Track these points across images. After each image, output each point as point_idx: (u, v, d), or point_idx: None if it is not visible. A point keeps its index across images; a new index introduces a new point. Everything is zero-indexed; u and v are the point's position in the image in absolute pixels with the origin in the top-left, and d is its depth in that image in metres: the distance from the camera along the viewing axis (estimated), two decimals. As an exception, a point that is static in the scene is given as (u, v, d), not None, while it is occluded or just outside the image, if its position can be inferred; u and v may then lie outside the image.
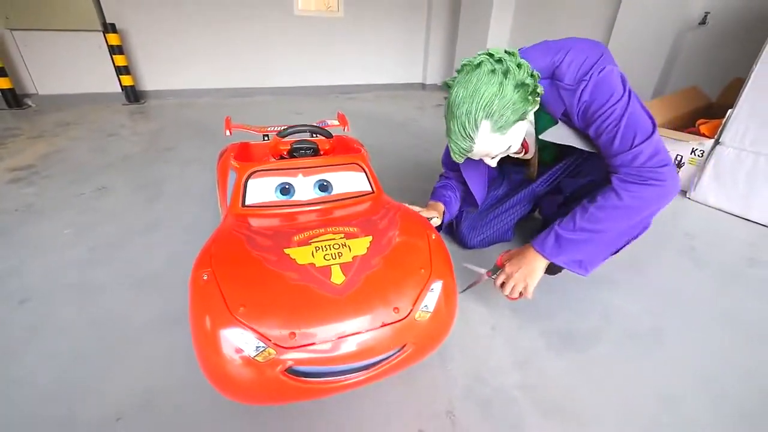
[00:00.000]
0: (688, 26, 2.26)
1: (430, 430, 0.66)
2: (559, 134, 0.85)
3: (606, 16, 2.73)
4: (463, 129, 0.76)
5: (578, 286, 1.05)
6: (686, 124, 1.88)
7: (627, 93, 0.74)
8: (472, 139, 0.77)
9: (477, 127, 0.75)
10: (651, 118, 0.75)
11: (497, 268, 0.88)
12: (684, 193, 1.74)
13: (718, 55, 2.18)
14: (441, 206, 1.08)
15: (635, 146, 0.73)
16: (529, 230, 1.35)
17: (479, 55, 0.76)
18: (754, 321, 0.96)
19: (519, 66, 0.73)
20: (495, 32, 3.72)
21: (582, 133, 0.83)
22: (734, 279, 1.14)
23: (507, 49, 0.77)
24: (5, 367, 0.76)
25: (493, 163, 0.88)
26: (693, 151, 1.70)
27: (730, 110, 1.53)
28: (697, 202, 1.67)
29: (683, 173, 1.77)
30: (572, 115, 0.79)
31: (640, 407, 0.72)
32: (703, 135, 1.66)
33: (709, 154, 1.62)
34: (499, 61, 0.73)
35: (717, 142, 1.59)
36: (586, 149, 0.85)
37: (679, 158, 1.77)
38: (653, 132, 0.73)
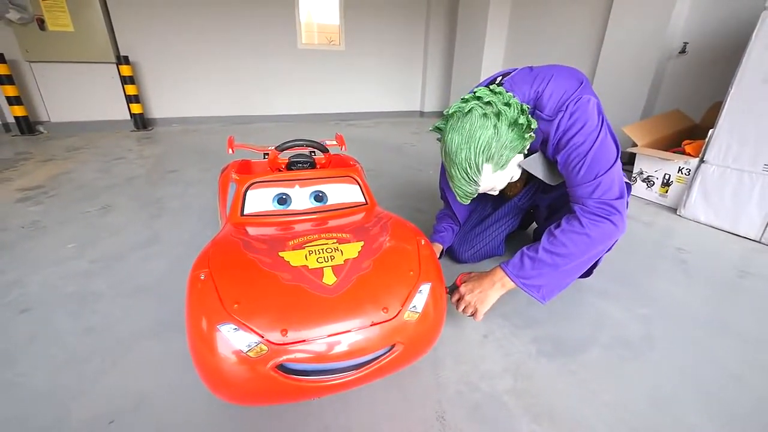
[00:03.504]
0: (669, 55, 2.40)
1: (420, 433, 0.66)
2: (533, 163, 0.86)
3: (591, 47, 2.89)
4: (466, 174, 0.78)
5: (571, 295, 1.06)
6: (672, 144, 1.95)
7: (600, 123, 0.75)
8: (476, 182, 0.79)
9: (480, 171, 0.77)
10: (617, 144, 0.77)
11: (455, 287, 0.89)
12: (675, 210, 1.78)
13: (700, 80, 2.30)
14: (439, 246, 1.15)
15: (597, 177, 0.75)
16: (521, 246, 1.37)
17: (468, 101, 0.77)
18: (744, 328, 0.97)
19: (508, 105, 0.74)
20: (488, 62, 3.92)
21: (550, 166, 0.86)
22: (725, 289, 1.15)
23: (492, 88, 0.78)
24: (2, 372, 0.77)
25: (495, 193, 0.90)
26: (680, 170, 1.76)
27: (711, 130, 1.60)
28: (688, 219, 1.70)
29: (672, 191, 1.82)
30: (549, 144, 0.80)
31: (630, 411, 0.72)
32: (689, 154, 1.73)
33: (695, 172, 1.67)
34: (489, 104, 0.74)
35: (702, 161, 1.65)
36: (547, 182, 0.88)
37: (667, 177, 1.83)
38: (615, 161, 0.76)
